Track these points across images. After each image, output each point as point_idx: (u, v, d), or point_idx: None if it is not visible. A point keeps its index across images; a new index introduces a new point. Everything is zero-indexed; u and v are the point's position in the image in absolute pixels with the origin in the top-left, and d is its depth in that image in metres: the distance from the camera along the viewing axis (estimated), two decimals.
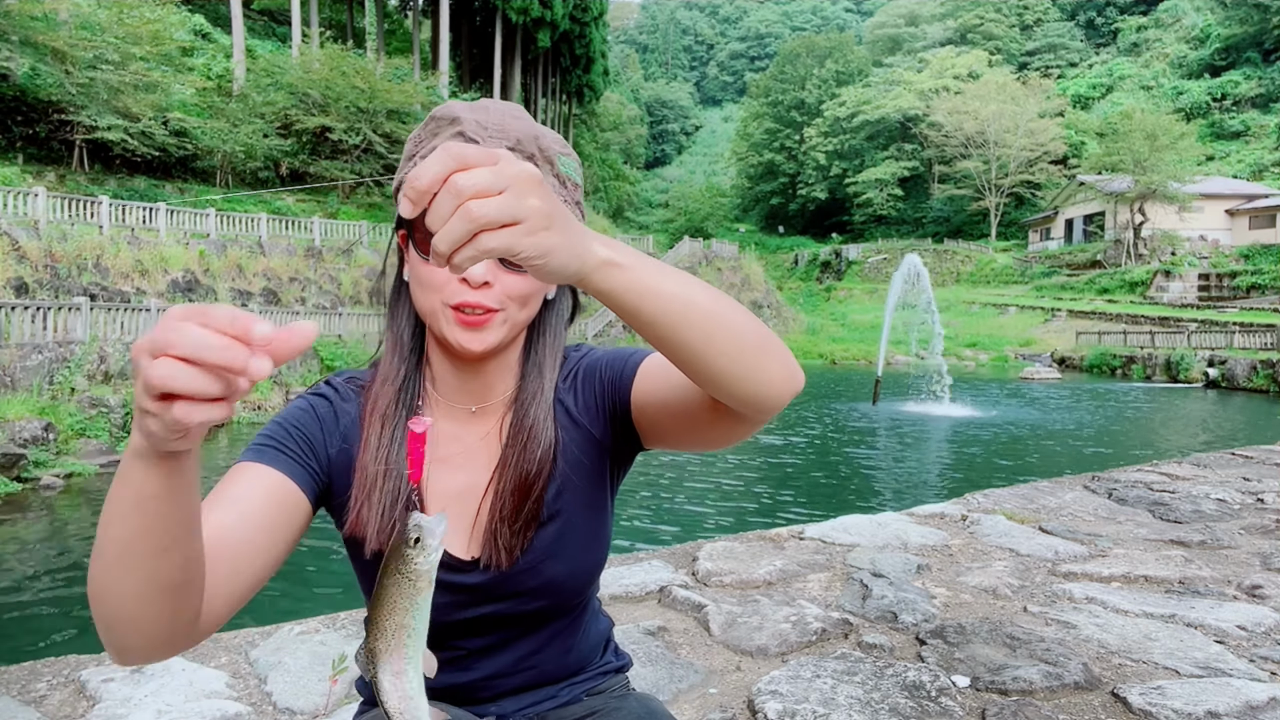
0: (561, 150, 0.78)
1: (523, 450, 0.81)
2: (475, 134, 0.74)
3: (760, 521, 6.38)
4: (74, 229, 15.84)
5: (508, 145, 0.73)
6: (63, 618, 4.56)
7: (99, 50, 19.33)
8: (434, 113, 0.77)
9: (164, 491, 0.53)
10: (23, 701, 1.56)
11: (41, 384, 10.25)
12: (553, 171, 0.77)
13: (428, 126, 0.77)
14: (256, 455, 0.76)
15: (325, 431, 0.82)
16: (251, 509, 0.71)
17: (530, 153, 0.75)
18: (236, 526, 0.69)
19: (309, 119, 25.56)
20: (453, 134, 0.74)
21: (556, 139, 0.79)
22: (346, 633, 1.98)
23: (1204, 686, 1.68)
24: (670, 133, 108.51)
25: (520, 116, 0.76)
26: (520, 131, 0.75)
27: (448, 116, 0.76)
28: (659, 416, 0.81)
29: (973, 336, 34.61)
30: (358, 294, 21.84)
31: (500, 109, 0.76)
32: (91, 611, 0.61)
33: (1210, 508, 3.41)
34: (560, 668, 0.90)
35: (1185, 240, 38.66)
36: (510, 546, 0.80)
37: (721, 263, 35.57)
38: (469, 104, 0.77)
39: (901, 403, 15.97)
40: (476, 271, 0.71)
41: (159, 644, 0.62)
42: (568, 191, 0.79)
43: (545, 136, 0.77)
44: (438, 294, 0.74)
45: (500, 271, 0.73)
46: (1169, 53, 62.75)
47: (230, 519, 0.69)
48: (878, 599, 2.21)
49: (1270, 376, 19.68)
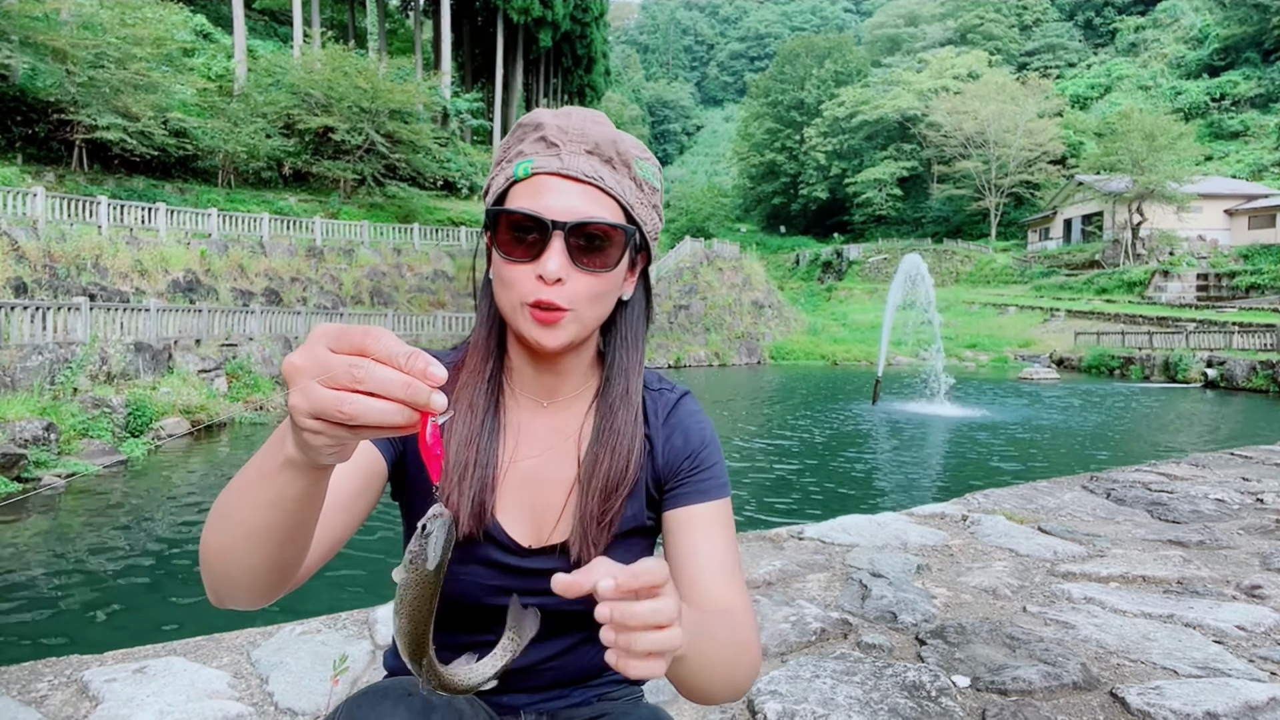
0: (640, 154, 0.81)
1: (610, 452, 0.84)
2: (556, 138, 0.78)
3: (760, 521, 6.38)
4: (73, 229, 15.85)
5: (586, 149, 0.77)
6: (64, 618, 4.57)
7: (100, 49, 19.33)
8: (521, 120, 0.81)
9: (305, 495, 0.59)
10: (23, 702, 1.56)
11: (42, 384, 10.25)
12: (629, 175, 0.80)
13: (515, 133, 0.81)
14: None
15: None
16: (341, 477, 0.76)
17: (609, 156, 0.78)
18: (330, 496, 0.74)
19: (311, 119, 25.56)
20: (536, 139, 0.78)
21: (635, 144, 0.81)
22: (348, 633, 1.99)
23: (1202, 687, 1.68)
24: (672, 133, 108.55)
25: (600, 122, 0.80)
26: (599, 136, 0.78)
27: (532, 123, 0.80)
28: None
29: (973, 337, 34.60)
30: (359, 294, 21.85)
31: (582, 115, 0.80)
32: (201, 567, 0.67)
33: (1209, 508, 3.42)
34: (578, 672, 0.92)
35: (1184, 240, 38.63)
36: (597, 542, 0.84)
37: (723, 263, 35.56)
38: (554, 110, 0.81)
39: (901, 403, 15.98)
40: (551, 267, 0.75)
41: (259, 599, 0.69)
42: (644, 195, 0.82)
43: (623, 141, 0.80)
44: (516, 292, 0.77)
45: (574, 270, 0.76)
46: (1167, 53, 62.72)
47: None
48: (877, 599, 2.21)
49: (1269, 377, 19.67)
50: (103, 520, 6.82)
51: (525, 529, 0.86)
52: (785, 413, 14.86)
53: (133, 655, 1.81)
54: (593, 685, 0.93)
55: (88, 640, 4.21)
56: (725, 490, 0.88)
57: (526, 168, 0.77)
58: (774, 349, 33.10)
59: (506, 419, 0.87)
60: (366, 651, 1.86)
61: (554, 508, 0.86)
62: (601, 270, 0.77)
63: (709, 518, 0.85)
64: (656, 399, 0.91)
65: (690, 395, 0.93)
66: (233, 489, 0.62)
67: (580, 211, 0.76)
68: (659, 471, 0.88)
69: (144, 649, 1.85)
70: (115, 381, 11.49)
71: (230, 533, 0.62)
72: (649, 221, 0.83)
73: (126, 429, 10.32)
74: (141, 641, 1.97)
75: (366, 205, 27.39)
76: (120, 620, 4.54)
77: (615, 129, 0.80)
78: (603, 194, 0.77)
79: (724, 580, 0.82)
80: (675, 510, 0.86)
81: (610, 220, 0.77)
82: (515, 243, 0.76)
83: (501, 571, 0.85)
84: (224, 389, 13.47)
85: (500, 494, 0.85)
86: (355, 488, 0.78)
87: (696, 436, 0.89)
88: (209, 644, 1.89)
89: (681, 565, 0.83)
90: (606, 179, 0.77)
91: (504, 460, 0.85)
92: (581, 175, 0.76)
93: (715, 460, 0.89)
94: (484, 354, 0.86)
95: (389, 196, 27.81)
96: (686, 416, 0.90)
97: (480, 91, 42.57)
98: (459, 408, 0.84)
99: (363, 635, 1.96)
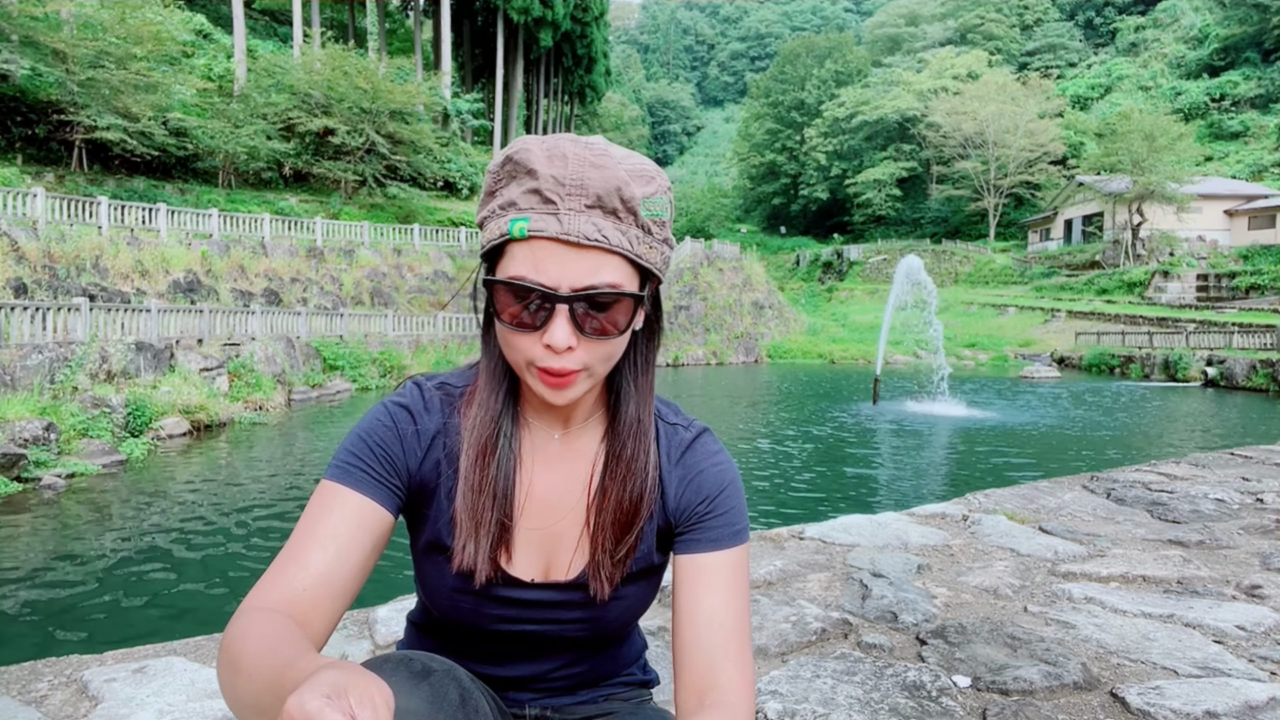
0: (647, 193, 0.72)
1: (621, 484, 0.81)
2: (552, 192, 0.69)
3: (760, 521, 6.38)
4: (73, 229, 15.85)
5: (587, 204, 0.69)
6: (64, 618, 4.57)
7: (100, 49, 19.33)
8: (512, 154, 0.72)
9: None
10: (23, 702, 1.56)
11: (42, 384, 10.25)
12: (636, 223, 0.71)
13: (505, 167, 0.72)
14: (342, 475, 0.78)
15: (406, 447, 0.81)
16: (347, 544, 0.74)
17: (613, 208, 0.70)
18: (336, 568, 0.73)
19: (312, 120, 25.57)
20: (528, 190, 0.70)
21: (640, 177, 0.72)
22: (347, 633, 1.99)
23: (1203, 686, 1.68)
24: (672, 133, 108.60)
25: (601, 164, 0.70)
26: (601, 185, 0.69)
27: (524, 165, 0.70)
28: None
29: (971, 337, 34.62)
30: (359, 294, 21.86)
31: (580, 159, 0.70)
32: (218, 664, 0.66)
33: (1209, 508, 3.42)
34: (585, 680, 0.92)
35: (1184, 241, 38.64)
36: (611, 577, 0.82)
37: (723, 263, 35.57)
38: (546, 148, 0.71)
39: (901, 402, 15.99)
40: (559, 338, 0.70)
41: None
42: (655, 234, 0.74)
43: (629, 185, 0.70)
44: (522, 355, 0.73)
45: (582, 338, 0.71)
46: (1167, 53, 62.72)
47: (329, 560, 0.73)
48: (878, 599, 2.21)
49: (1269, 375, 19.67)
50: (102, 520, 6.82)
51: (540, 562, 0.84)
52: (785, 411, 14.86)
53: (132, 655, 1.81)
54: (600, 688, 0.94)
55: (88, 640, 4.21)
56: (741, 537, 0.83)
57: (522, 228, 0.69)
58: (772, 348, 33.16)
59: (520, 449, 0.83)
60: (366, 651, 1.86)
61: (569, 539, 0.83)
62: (612, 334, 0.72)
63: (719, 569, 0.81)
64: (672, 436, 0.86)
65: (709, 433, 0.88)
66: (244, 666, 0.61)
67: (585, 278, 0.69)
68: (670, 515, 0.84)
69: (144, 649, 1.84)
70: (115, 380, 11.49)
71: (239, 691, 0.61)
72: (660, 258, 0.75)
73: (126, 429, 10.32)
74: (141, 641, 1.97)
75: (367, 206, 27.40)
76: (120, 620, 4.54)
77: (617, 163, 0.71)
78: (608, 254, 0.70)
79: (725, 647, 0.78)
80: (685, 556, 0.83)
81: (618, 284, 0.71)
82: (518, 309, 0.71)
83: (516, 605, 0.83)
84: (225, 388, 13.47)
85: (515, 530, 0.83)
86: (360, 550, 0.75)
87: (713, 480, 0.84)
88: (209, 644, 1.89)
89: (684, 621, 0.80)
90: (611, 237, 0.70)
91: (520, 496, 0.83)
92: (583, 240, 0.69)
93: (731, 505, 0.84)
94: (492, 390, 0.82)
95: (389, 197, 27.82)
96: (704, 458, 0.85)
97: (481, 91, 42.62)
98: (469, 451, 0.80)
99: (362, 635, 1.96)
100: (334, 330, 18.84)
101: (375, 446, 0.79)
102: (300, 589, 0.71)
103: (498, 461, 0.80)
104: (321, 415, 13.93)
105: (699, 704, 0.76)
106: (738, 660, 0.78)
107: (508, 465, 0.81)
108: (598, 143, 0.72)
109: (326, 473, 0.79)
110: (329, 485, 0.77)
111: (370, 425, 0.81)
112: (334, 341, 18.31)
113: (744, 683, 0.77)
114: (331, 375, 17.30)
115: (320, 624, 0.72)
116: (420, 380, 0.86)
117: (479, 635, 0.85)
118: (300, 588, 0.71)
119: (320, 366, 17.28)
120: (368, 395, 17.12)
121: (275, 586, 0.71)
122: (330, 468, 0.79)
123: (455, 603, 0.83)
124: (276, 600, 0.70)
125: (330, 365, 17.54)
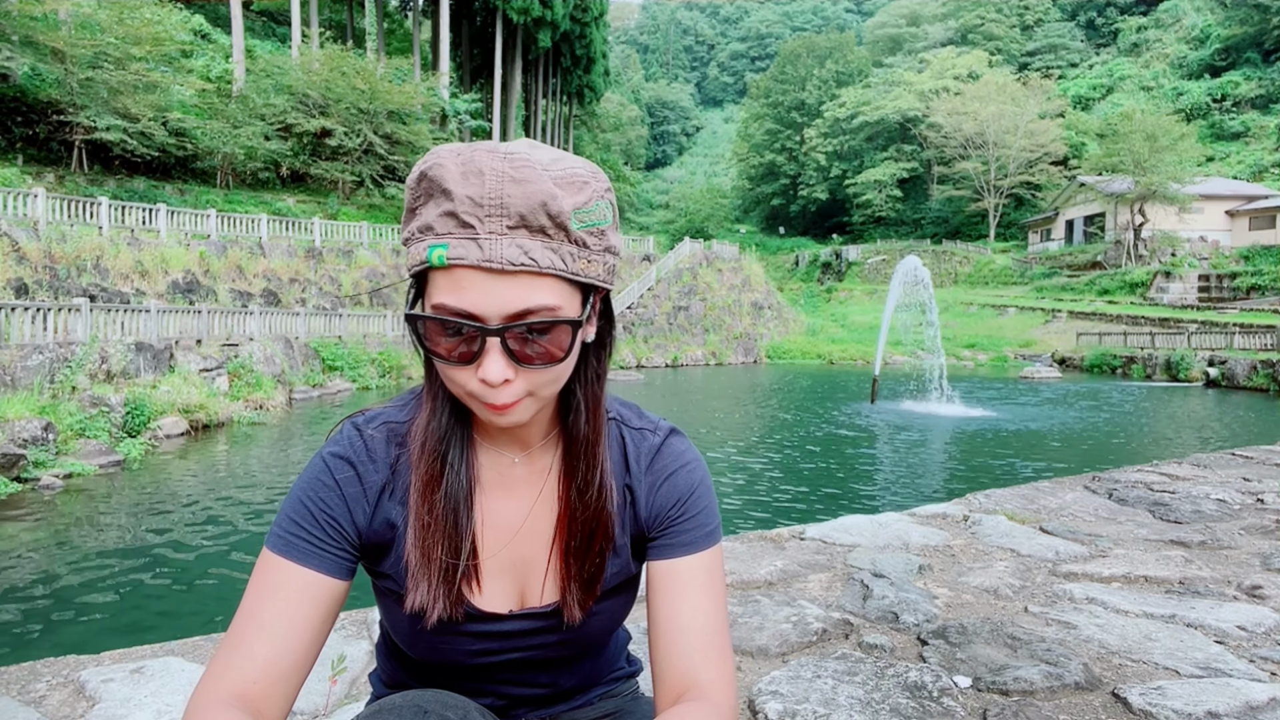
0: (577, 201, 0.64)
1: (581, 502, 0.78)
2: (469, 215, 0.62)
3: (760, 521, 6.38)
4: (73, 230, 15.87)
5: (509, 224, 0.62)
6: (62, 618, 4.56)
7: (99, 49, 19.35)
8: (426, 169, 0.64)
9: None
10: (22, 702, 1.56)
11: (42, 383, 10.25)
12: (568, 239, 0.64)
13: (421, 184, 0.65)
14: (284, 548, 0.73)
15: (352, 506, 0.76)
16: (293, 625, 0.71)
17: (539, 225, 0.62)
18: (284, 654, 0.71)
19: (309, 120, 25.57)
20: (444, 213, 0.63)
21: (570, 184, 0.65)
22: (346, 633, 1.98)
23: (1204, 687, 1.68)
24: (671, 133, 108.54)
25: (522, 179, 0.62)
26: (523, 202, 0.62)
27: (439, 184, 0.63)
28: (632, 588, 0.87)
29: (971, 337, 34.62)
30: (358, 295, 21.86)
31: (497, 172, 0.62)
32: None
33: (1210, 508, 3.41)
34: (576, 688, 0.91)
35: (1185, 241, 38.66)
36: (583, 601, 0.80)
37: (722, 264, 35.58)
38: (461, 162, 0.63)
39: (900, 402, 16.00)
40: (492, 373, 0.64)
41: None
42: (590, 250, 0.66)
43: (556, 198, 0.63)
44: (460, 387, 0.69)
45: (519, 368, 0.66)
46: (1169, 53, 62.73)
47: (276, 648, 0.70)
48: (879, 599, 2.21)
49: (1270, 376, 19.67)
50: (100, 520, 6.82)
51: (514, 591, 0.80)
52: (784, 411, 14.85)
53: (130, 655, 1.80)
54: (594, 689, 0.93)
55: (85, 640, 4.21)
56: (714, 538, 0.82)
57: (441, 256, 0.62)
58: (771, 348, 33.19)
59: (480, 476, 0.79)
60: (365, 651, 1.85)
61: (539, 564, 0.80)
62: (551, 362, 0.66)
63: (694, 573, 0.79)
64: (639, 441, 0.83)
65: (677, 433, 0.85)
66: None
67: (516, 304, 0.63)
68: (642, 523, 0.81)
69: (141, 649, 1.84)
70: (115, 380, 11.49)
71: None
72: (602, 269, 0.68)
73: (124, 429, 10.31)
74: (139, 642, 1.96)
75: (365, 206, 27.41)
76: (118, 620, 4.53)
77: (542, 173, 0.63)
78: (539, 276, 0.63)
79: (705, 652, 0.76)
80: (659, 563, 0.80)
81: (552, 309, 0.64)
82: (451, 344, 0.65)
83: (494, 638, 0.80)
84: (225, 387, 13.47)
85: (483, 562, 0.78)
86: (309, 627, 0.72)
87: (684, 483, 0.81)
88: (207, 644, 1.88)
89: (661, 628, 0.78)
90: (540, 259, 0.63)
91: (480, 526, 0.78)
92: (508, 265, 0.62)
93: (703, 506, 0.81)
94: (437, 420, 0.75)
95: (388, 198, 27.83)
96: (673, 461, 0.82)
97: (479, 92, 42.60)
98: (415, 484, 0.75)
99: (361, 635, 1.95)
100: (332, 330, 18.84)
101: (318, 511, 0.74)
102: (250, 681, 0.69)
103: (445, 494, 0.75)
104: (323, 414, 13.93)
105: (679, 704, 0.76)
106: (718, 662, 0.77)
107: (458, 497, 0.75)
108: (519, 152, 0.64)
109: (267, 541, 0.74)
110: (271, 559, 0.73)
111: (309, 484, 0.75)
112: (333, 342, 18.31)
113: (725, 684, 0.76)
114: (331, 375, 17.31)
115: (274, 712, 0.70)
116: (358, 421, 0.79)
117: (461, 671, 0.82)
118: (249, 680, 0.69)
119: (320, 367, 17.28)
120: (368, 395, 17.13)
121: (224, 680, 0.69)
122: (270, 536, 0.74)
123: (435, 646, 0.79)
124: (226, 694, 0.68)
125: (329, 365, 17.54)
